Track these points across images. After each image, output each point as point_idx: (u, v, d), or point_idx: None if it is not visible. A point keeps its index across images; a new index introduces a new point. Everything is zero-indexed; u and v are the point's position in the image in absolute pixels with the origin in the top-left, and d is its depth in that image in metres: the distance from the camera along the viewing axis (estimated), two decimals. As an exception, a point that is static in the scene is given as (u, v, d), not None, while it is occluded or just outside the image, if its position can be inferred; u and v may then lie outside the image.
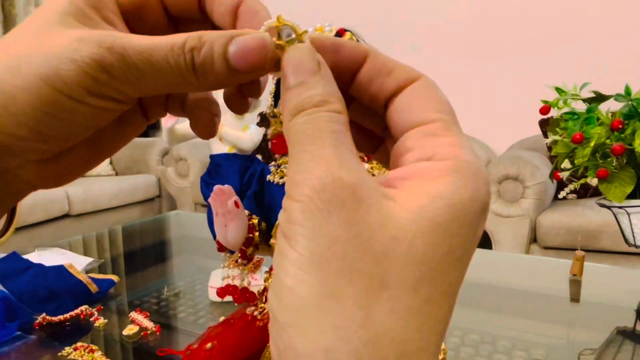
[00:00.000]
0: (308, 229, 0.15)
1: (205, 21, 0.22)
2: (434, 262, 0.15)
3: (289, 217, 0.15)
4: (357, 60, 0.19)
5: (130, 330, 0.69)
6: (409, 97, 0.18)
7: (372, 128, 0.21)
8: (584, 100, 0.76)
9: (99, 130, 0.21)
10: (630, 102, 0.71)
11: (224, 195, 0.37)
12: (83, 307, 0.75)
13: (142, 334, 0.69)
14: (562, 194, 0.87)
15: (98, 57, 0.18)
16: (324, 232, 0.15)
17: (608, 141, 0.71)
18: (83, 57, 0.17)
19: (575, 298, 0.83)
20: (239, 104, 0.22)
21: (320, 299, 0.15)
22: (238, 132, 0.78)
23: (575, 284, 0.86)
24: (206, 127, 0.23)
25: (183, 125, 0.83)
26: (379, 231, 0.15)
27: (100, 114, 0.19)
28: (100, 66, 0.18)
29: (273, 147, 0.31)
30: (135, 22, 0.21)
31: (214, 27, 0.21)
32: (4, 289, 0.75)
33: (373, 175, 0.36)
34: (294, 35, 0.18)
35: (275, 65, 0.18)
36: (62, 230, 2.45)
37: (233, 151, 0.79)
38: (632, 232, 0.75)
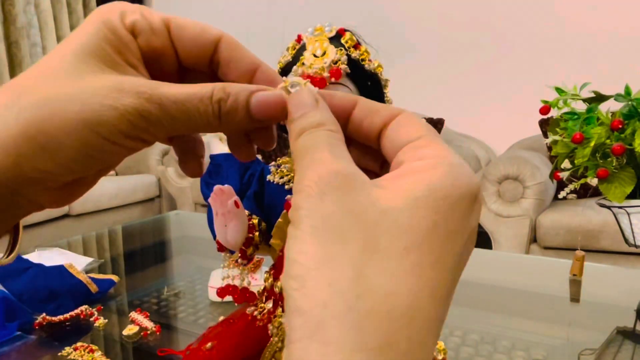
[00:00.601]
0: (308, 210, 0.18)
1: (211, 74, 0.24)
2: (419, 234, 0.17)
3: (294, 205, 0.18)
4: (348, 105, 0.22)
5: (130, 330, 0.69)
6: (396, 126, 0.21)
7: (369, 166, 0.24)
8: (584, 100, 0.76)
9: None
10: (630, 102, 0.71)
11: (224, 195, 0.37)
12: (83, 307, 0.75)
13: (142, 334, 0.69)
14: (562, 194, 0.87)
15: (139, 106, 0.20)
16: (321, 210, 0.18)
17: (608, 141, 0.71)
18: (125, 105, 0.20)
19: (575, 298, 0.83)
20: (245, 152, 0.25)
21: (318, 263, 0.17)
22: (238, 132, 0.78)
23: (575, 284, 0.86)
24: (194, 168, 0.26)
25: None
26: (369, 207, 0.18)
27: (129, 152, 0.21)
28: (140, 114, 0.20)
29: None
30: (151, 68, 0.23)
31: (218, 79, 0.24)
32: (4, 289, 0.75)
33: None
34: (298, 87, 0.22)
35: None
36: (62, 230, 2.45)
37: (233, 151, 0.79)
38: (632, 232, 0.75)
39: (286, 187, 0.37)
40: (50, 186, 0.21)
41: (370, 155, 0.23)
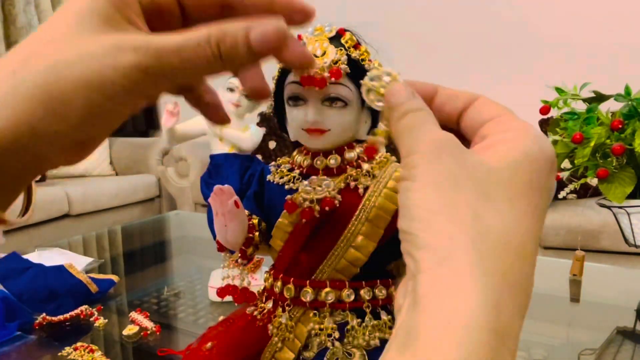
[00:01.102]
0: (427, 166, 0.21)
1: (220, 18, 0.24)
2: (520, 186, 0.21)
3: (411, 164, 0.22)
4: (431, 91, 0.26)
5: (130, 330, 0.69)
6: (478, 107, 0.25)
7: None
8: (584, 100, 0.76)
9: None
10: (630, 102, 0.71)
11: (224, 195, 0.37)
12: (83, 307, 0.75)
13: (142, 334, 0.69)
14: (562, 194, 0.87)
15: (137, 62, 0.20)
16: (439, 167, 0.21)
17: (608, 141, 0.71)
18: (124, 63, 0.20)
19: (575, 298, 0.83)
20: (258, 82, 0.26)
21: (441, 207, 0.20)
22: (238, 132, 0.78)
23: (575, 284, 0.86)
24: (218, 117, 0.27)
25: (183, 125, 0.83)
26: (478, 165, 0.21)
27: (135, 108, 0.22)
28: (139, 70, 0.20)
29: (367, 151, 0.36)
30: (153, 21, 0.24)
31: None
32: (4, 289, 0.76)
33: (374, 175, 0.36)
34: (389, 78, 0.26)
35: (377, 98, 0.26)
36: (62, 230, 2.45)
37: (233, 151, 0.79)
38: (632, 232, 0.75)
39: (286, 187, 0.37)
40: (64, 145, 0.22)
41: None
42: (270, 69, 0.42)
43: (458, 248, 0.20)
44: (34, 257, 0.95)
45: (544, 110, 0.78)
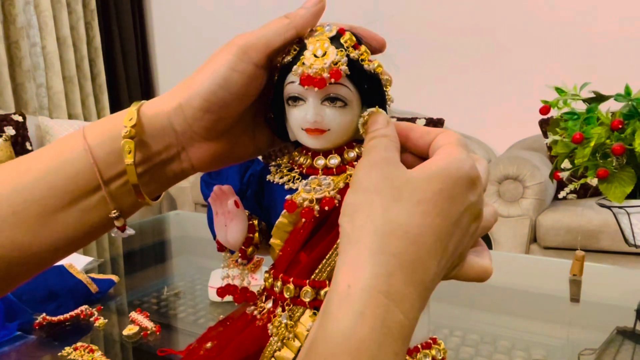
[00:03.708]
0: (360, 176, 0.29)
1: None
2: (429, 193, 0.27)
3: (354, 175, 0.30)
4: (405, 129, 0.34)
5: (130, 330, 0.69)
6: (437, 140, 0.32)
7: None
8: (584, 100, 0.76)
9: (239, 136, 0.37)
10: (630, 102, 0.71)
11: (224, 195, 0.37)
12: (83, 307, 0.75)
13: (142, 334, 0.69)
14: (562, 194, 0.87)
15: (242, 48, 0.33)
16: (368, 176, 0.29)
17: (608, 141, 0.71)
18: (232, 50, 0.33)
19: (575, 298, 0.83)
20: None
21: (361, 205, 0.28)
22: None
23: (575, 284, 0.86)
24: None
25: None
26: (399, 176, 0.28)
27: (245, 82, 0.33)
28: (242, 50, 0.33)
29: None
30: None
31: None
32: (4, 289, 0.75)
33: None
34: (373, 109, 0.35)
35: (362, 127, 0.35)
36: (62, 230, 2.45)
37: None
38: (632, 232, 0.75)
39: (286, 187, 0.37)
40: (199, 133, 0.34)
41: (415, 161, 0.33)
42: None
43: (365, 234, 0.26)
44: (34, 257, 0.94)
45: (544, 110, 0.78)
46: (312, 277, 0.36)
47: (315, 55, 0.34)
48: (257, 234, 0.39)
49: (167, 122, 0.34)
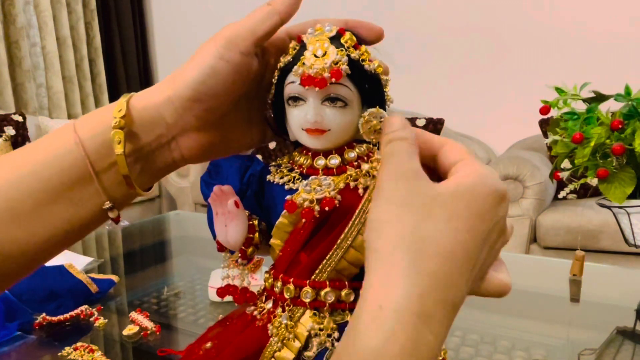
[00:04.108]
0: (387, 189, 0.28)
1: None
2: (459, 209, 0.27)
3: (377, 186, 0.28)
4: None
5: (130, 330, 0.69)
6: (446, 152, 0.31)
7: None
8: (584, 100, 0.76)
9: (231, 128, 0.38)
10: (630, 102, 0.71)
11: (224, 195, 0.37)
12: (83, 307, 0.75)
13: (142, 334, 0.69)
14: (562, 194, 0.87)
15: (227, 38, 0.34)
16: (396, 190, 0.27)
17: (608, 141, 0.71)
18: (219, 40, 0.34)
19: (575, 298, 0.83)
20: None
21: (389, 219, 0.27)
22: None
23: (575, 284, 0.86)
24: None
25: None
26: (429, 190, 0.27)
27: (233, 70, 0.34)
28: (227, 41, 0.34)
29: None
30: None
31: None
32: (4, 289, 0.75)
33: (374, 176, 0.36)
34: (374, 109, 0.35)
35: (374, 133, 0.35)
36: (62, 230, 2.45)
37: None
38: (632, 232, 0.75)
39: (286, 187, 0.37)
40: (190, 123, 0.35)
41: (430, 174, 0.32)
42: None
43: (397, 251, 0.26)
44: (34, 257, 0.94)
45: (544, 110, 0.78)
46: (312, 277, 0.36)
47: (315, 55, 0.34)
48: (257, 234, 0.39)
49: (157, 113, 0.34)
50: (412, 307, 0.24)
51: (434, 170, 0.32)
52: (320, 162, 0.37)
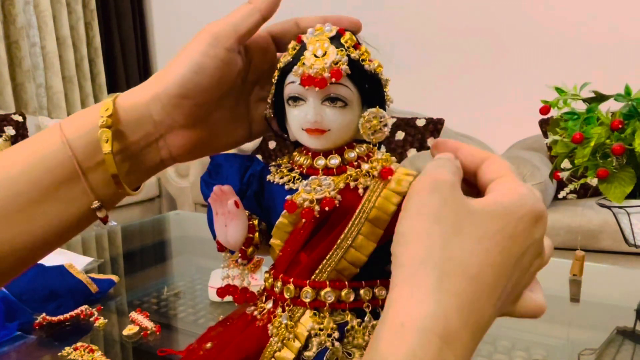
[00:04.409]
0: (419, 200, 0.27)
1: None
2: (492, 230, 0.26)
3: (409, 195, 0.28)
4: (452, 148, 0.32)
5: (130, 330, 0.69)
6: (486, 168, 0.30)
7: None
8: (584, 100, 0.76)
9: (217, 125, 0.38)
10: (630, 102, 0.71)
11: (224, 195, 0.37)
12: (83, 307, 0.75)
13: (142, 334, 0.69)
14: (562, 194, 0.87)
15: (212, 35, 0.35)
16: (429, 202, 0.26)
17: (608, 141, 0.71)
18: (203, 38, 0.35)
19: (575, 298, 0.83)
20: None
21: (419, 235, 0.25)
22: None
23: (575, 284, 0.86)
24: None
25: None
26: (461, 206, 0.26)
27: (219, 66, 0.35)
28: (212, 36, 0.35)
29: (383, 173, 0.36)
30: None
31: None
32: (4, 289, 0.75)
33: (374, 175, 0.36)
34: (374, 109, 0.36)
35: (374, 133, 0.36)
36: (62, 230, 2.45)
37: (233, 151, 0.79)
38: (632, 232, 0.75)
39: (286, 187, 0.37)
40: (178, 121, 0.35)
41: (470, 189, 0.32)
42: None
43: (423, 269, 0.25)
44: (34, 257, 0.94)
45: (544, 110, 0.78)
46: (312, 277, 0.36)
47: (315, 55, 0.34)
48: (257, 234, 0.39)
49: (145, 111, 0.35)
50: (435, 328, 0.23)
51: (474, 186, 0.31)
52: (320, 162, 0.37)
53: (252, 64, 0.39)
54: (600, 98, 0.74)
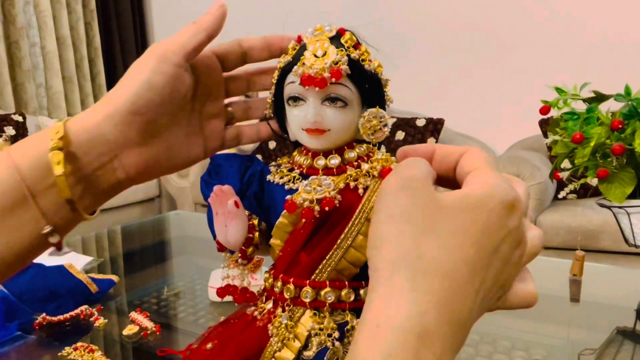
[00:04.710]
0: (386, 201, 0.26)
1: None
2: (464, 224, 0.25)
3: (377, 197, 0.27)
4: (429, 151, 0.31)
5: (130, 330, 0.69)
6: (464, 160, 0.30)
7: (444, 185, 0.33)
8: (584, 100, 0.76)
9: (171, 142, 0.39)
10: (630, 102, 0.71)
11: (224, 195, 0.37)
12: (83, 307, 0.75)
13: (142, 334, 0.69)
14: (562, 194, 0.87)
15: (161, 52, 0.36)
16: (395, 202, 0.26)
17: (608, 141, 0.71)
18: (152, 56, 0.36)
19: (575, 298, 0.83)
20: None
21: (390, 237, 0.25)
22: (238, 132, 0.78)
23: (575, 284, 0.86)
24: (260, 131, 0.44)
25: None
26: (431, 203, 0.26)
27: (168, 82, 0.36)
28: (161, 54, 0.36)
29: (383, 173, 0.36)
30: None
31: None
32: (4, 289, 0.75)
33: (374, 175, 0.36)
34: (374, 109, 0.36)
35: (374, 133, 0.36)
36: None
37: (233, 151, 0.79)
38: (632, 232, 0.75)
39: (286, 187, 0.37)
40: (131, 139, 0.35)
41: (449, 184, 0.32)
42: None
43: (397, 270, 0.25)
44: (34, 257, 0.94)
45: (544, 110, 0.78)
46: (312, 277, 0.36)
47: (315, 55, 0.34)
48: (257, 234, 0.39)
49: (97, 132, 0.35)
50: (411, 327, 0.23)
51: (455, 183, 0.31)
52: (320, 162, 0.37)
53: (199, 82, 0.40)
54: (600, 98, 0.74)
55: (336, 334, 0.35)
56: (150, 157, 0.37)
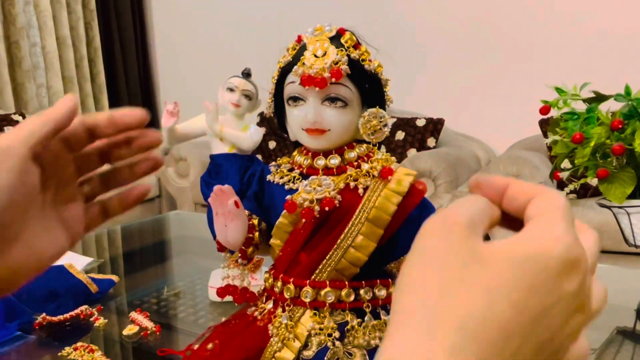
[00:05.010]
0: (420, 244, 0.24)
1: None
2: (501, 281, 0.22)
3: (419, 233, 0.25)
4: (502, 185, 0.28)
5: (130, 330, 0.69)
6: (533, 203, 0.26)
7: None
8: (584, 100, 0.76)
9: (32, 240, 0.35)
10: (630, 102, 0.71)
11: (224, 195, 0.37)
12: (83, 307, 0.75)
13: (142, 334, 0.68)
14: (562, 194, 0.87)
15: (3, 146, 0.33)
16: (432, 242, 0.24)
17: (608, 141, 0.71)
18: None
19: (575, 298, 0.83)
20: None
21: (415, 281, 0.23)
22: (238, 131, 0.78)
23: (575, 284, 0.86)
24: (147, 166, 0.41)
25: (183, 125, 0.83)
26: (471, 252, 0.23)
27: (15, 177, 0.32)
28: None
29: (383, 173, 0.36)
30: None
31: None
32: (4, 289, 0.75)
33: (374, 175, 0.36)
34: (374, 109, 0.36)
35: (374, 134, 0.36)
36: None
37: (233, 151, 0.79)
38: (632, 232, 0.75)
39: (286, 187, 0.37)
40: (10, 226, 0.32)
41: (518, 226, 0.28)
42: (270, 68, 0.42)
43: (415, 319, 0.22)
44: (34, 257, 0.94)
45: (544, 110, 0.78)
46: (312, 277, 0.36)
47: (315, 55, 0.34)
48: (257, 234, 0.39)
49: None
50: None
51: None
52: (320, 162, 0.37)
53: (45, 170, 0.37)
54: (600, 98, 0.74)
55: (336, 334, 0.35)
56: (13, 263, 0.34)
